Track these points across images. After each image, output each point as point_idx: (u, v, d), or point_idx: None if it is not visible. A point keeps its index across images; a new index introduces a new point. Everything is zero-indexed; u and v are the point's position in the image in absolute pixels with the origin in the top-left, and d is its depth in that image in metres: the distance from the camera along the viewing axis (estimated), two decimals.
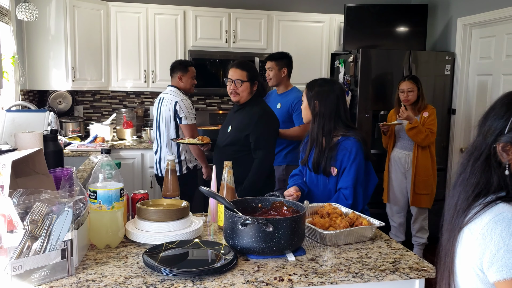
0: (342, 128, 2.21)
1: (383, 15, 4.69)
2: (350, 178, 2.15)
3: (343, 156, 2.17)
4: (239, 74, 2.79)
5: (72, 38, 4.14)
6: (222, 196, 1.71)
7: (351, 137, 2.19)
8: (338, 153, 2.17)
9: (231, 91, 2.80)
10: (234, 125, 2.84)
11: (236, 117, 2.86)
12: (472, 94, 4.43)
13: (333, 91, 2.22)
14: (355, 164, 2.16)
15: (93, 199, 1.58)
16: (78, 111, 4.79)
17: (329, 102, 2.20)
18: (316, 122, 2.22)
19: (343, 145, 2.19)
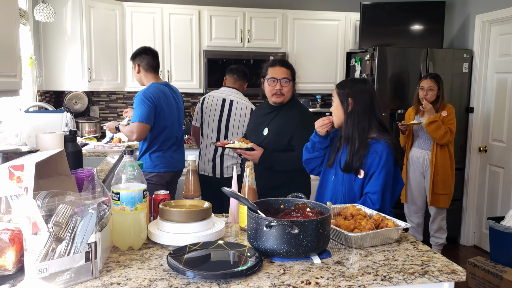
0: (375, 128, 2.16)
1: (400, 13, 4.63)
2: (379, 183, 2.10)
3: (373, 160, 2.12)
4: (285, 72, 2.63)
5: (88, 39, 4.15)
6: (242, 195, 1.69)
7: (382, 141, 2.14)
8: (368, 156, 2.13)
9: (276, 91, 2.61)
10: (272, 128, 2.69)
11: (273, 119, 2.70)
12: (490, 92, 4.36)
13: (367, 89, 2.18)
14: (384, 169, 2.10)
15: (116, 201, 1.57)
16: (94, 111, 4.81)
17: (364, 99, 2.15)
18: (350, 120, 2.15)
19: (374, 148, 2.14)
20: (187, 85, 4.61)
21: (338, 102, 2.20)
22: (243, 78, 3.69)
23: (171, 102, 3.32)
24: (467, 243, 4.62)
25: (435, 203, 3.96)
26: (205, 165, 3.60)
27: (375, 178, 2.11)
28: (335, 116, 2.22)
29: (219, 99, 3.60)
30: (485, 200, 4.46)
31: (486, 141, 4.43)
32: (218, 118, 3.58)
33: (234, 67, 3.73)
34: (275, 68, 2.65)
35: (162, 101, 3.21)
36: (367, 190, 2.15)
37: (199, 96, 4.92)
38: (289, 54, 4.66)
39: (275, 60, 2.71)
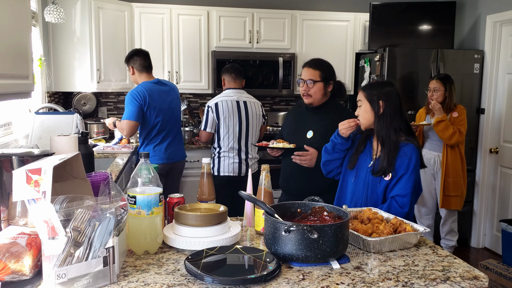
0: (404, 130, 2.17)
1: (409, 13, 4.60)
2: (410, 186, 2.08)
3: (402, 162, 2.11)
4: (311, 73, 2.61)
5: (97, 40, 4.15)
6: (259, 199, 1.67)
7: (411, 144, 2.13)
8: (397, 159, 2.11)
9: (303, 92, 2.62)
10: (317, 130, 2.64)
11: (317, 121, 2.66)
12: (502, 93, 4.32)
13: (395, 91, 2.19)
14: (414, 172, 2.10)
15: (132, 204, 1.55)
16: (102, 112, 4.81)
17: (394, 101, 2.15)
18: (383, 122, 2.14)
19: (403, 150, 2.13)
20: (195, 86, 4.60)
21: (368, 104, 2.17)
22: (240, 75, 3.72)
23: (161, 97, 3.55)
24: (477, 245, 4.58)
25: (446, 205, 3.93)
26: (230, 167, 3.66)
27: (405, 181, 2.09)
28: (362, 119, 2.19)
29: (233, 102, 3.62)
30: (496, 202, 4.42)
31: (497, 142, 4.39)
32: (238, 121, 3.62)
33: (229, 66, 3.74)
34: (304, 69, 2.67)
35: (149, 98, 3.46)
36: (395, 193, 2.12)
37: (207, 97, 4.90)
38: (298, 55, 4.64)
39: (306, 61, 2.73)
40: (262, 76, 4.59)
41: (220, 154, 3.67)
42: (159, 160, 3.61)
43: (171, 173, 3.77)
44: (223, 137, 3.64)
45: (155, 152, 3.60)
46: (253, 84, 4.57)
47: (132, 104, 3.42)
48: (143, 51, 3.61)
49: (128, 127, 3.44)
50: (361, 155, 2.25)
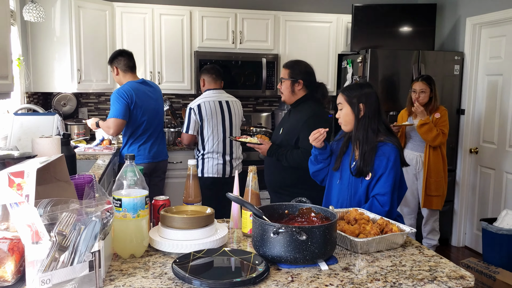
0: (383, 131, 2.18)
1: (391, 15, 4.65)
2: (389, 184, 2.10)
3: (380, 162, 2.13)
4: (283, 72, 2.87)
5: (77, 40, 4.08)
6: (246, 201, 1.66)
7: (389, 143, 2.15)
8: (375, 159, 2.13)
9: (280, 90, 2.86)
10: (284, 127, 2.86)
11: (288, 120, 2.88)
12: (481, 94, 4.39)
13: (374, 92, 2.22)
14: (393, 170, 2.11)
15: (117, 207, 1.52)
16: (83, 113, 4.73)
17: (372, 103, 2.17)
18: (361, 125, 2.16)
19: (381, 150, 2.15)
20: (178, 87, 4.57)
21: (348, 108, 2.19)
22: (220, 76, 3.73)
23: (147, 97, 3.58)
24: (458, 244, 4.65)
25: (428, 205, 3.98)
26: (214, 168, 3.65)
27: (384, 180, 2.12)
28: (344, 121, 2.21)
29: (216, 102, 3.61)
30: (476, 201, 4.49)
31: (477, 142, 4.46)
32: (221, 122, 3.62)
33: (209, 67, 3.74)
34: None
35: (136, 97, 3.48)
36: (375, 192, 2.14)
37: (190, 98, 4.87)
38: (281, 55, 4.65)
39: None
40: (245, 77, 4.58)
41: (204, 156, 3.65)
42: (144, 159, 3.62)
43: (155, 172, 3.78)
44: (207, 138, 3.62)
45: (140, 152, 3.62)
46: (236, 85, 4.55)
47: (119, 102, 3.42)
48: (127, 51, 3.64)
49: (115, 125, 3.43)
50: (344, 157, 2.27)
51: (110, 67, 3.67)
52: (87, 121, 3.83)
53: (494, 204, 4.27)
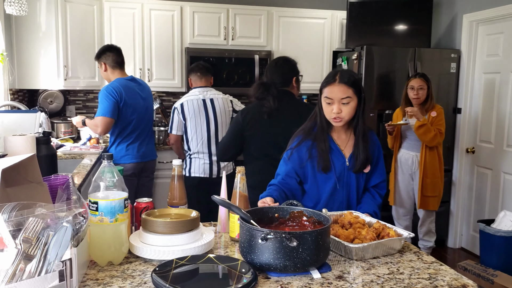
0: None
1: (387, 12, 4.55)
2: (384, 169, 2.12)
3: (373, 150, 2.07)
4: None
5: (64, 35, 3.95)
6: (234, 204, 1.55)
7: (371, 130, 2.10)
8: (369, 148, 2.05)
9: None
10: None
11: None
12: (478, 92, 4.31)
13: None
14: (382, 154, 2.11)
15: (93, 211, 1.41)
16: (70, 111, 4.60)
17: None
18: (361, 115, 2.01)
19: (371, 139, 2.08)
20: (168, 84, 4.45)
21: (356, 101, 1.96)
22: (207, 73, 3.61)
23: (136, 95, 3.48)
24: (454, 245, 4.57)
25: (424, 206, 3.89)
26: (200, 168, 3.54)
27: (381, 166, 2.11)
28: (348, 116, 1.96)
29: (199, 101, 3.50)
30: (473, 202, 4.41)
31: (473, 142, 4.38)
32: (205, 120, 3.50)
33: (194, 65, 3.64)
34: None
35: (125, 95, 3.38)
36: (376, 181, 2.10)
37: (181, 95, 4.74)
38: (274, 52, 4.54)
39: None
40: (238, 74, 4.46)
41: (191, 155, 3.55)
42: (132, 159, 3.53)
43: (143, 172, 3.68)
44: (191, 138, 3.52)
45: (128, 151, 3.52)
46: (228, 82, 4.44)
47: (107, 100, 3.32)
48: (115, 46, 3.52)
49: (103, 124, 3.32)
50: (332, 155, 2.03)
51: (97, 63, 3.56)
52: (73, 119, 3.73)
53: (491, 205, 4.18)
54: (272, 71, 2.77)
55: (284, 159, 2.08)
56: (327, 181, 2.05)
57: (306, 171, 2.05)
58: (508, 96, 3.96)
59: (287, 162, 2.06)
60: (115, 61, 3.46)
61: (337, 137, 2.06)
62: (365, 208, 2.03)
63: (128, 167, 3.50)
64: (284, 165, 2.08)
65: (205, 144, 3.52)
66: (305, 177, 2.07)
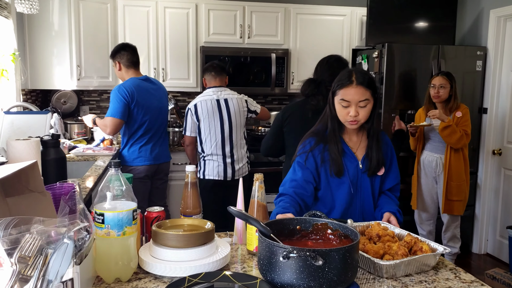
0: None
1: (409, 7, 4.37)
2: (398, 171, 2.02)
3: (386, 152, 1.97)
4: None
5: (77, 34, 3.87)
6: (254, 217, 1.42)
7: (382, 131, 2.01)
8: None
9: None
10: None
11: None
12: (505, 92, 4.11)
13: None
14: (395, 155, 2.02)
15: (99, 223, 1.30)
16: (84, 111, 4.53)
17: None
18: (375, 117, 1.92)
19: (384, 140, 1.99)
20: (183, 84, 4.34)
21: (372, 102, 1.86)
22: (221, 72, 3.49)
23: (150, 96, 3.39)
24: (479, 251, 4.38)
25: (449, 210, 3.71)
26: (214, 171, 3.44)
27: (394, 167, 2.01)
28: (364, 119, 1.86)
29: (213, 101, 3.39)
30: (499, 206, 4.21)
31: (500, 143, 4.18)
32: (219, 121, 3.40)
33: (208, 65, 3.53)
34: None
35: (137, 95, 3.30)
36: (391, 184, 2.00)
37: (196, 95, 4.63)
38: (292, 51, 4.40)
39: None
40: (254, 73, 4.34)
41: (205, 157, 3.45)
42: (145, 161, 3.44)
43: (157, 174, 3.59)
44: (205, 140, 3.42)
45: (141, 153, 3.43)
46: (244, 82, 4.32)
47: (118, 100, 3.25)
48: (131, 45, 3.44)
49: (112, 125, 3.26)
50: (345, 159, 1.92)
51: (112, 61, 3.48)
52: (84, 118, 3.65)
53: None
54: (323, 68, 2.68)
55: (299, 163, 1.96)
56: (341, 186, 1.95)
57: (320, 176, 1.96)
58: None
59: (304, 167, 1.94)
60: (130, 60, 3.39)
61: (349, 139, 1.97)
62: (387, 208, 1.93)
63: (141, 169, 3.42)
64: (300, 170, 1.95)
65: (219, 146, 3.41)
66: (319, 183, 1.97)
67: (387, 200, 1.99)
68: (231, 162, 3.44)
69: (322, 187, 1.97)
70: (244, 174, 3.53)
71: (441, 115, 3.50)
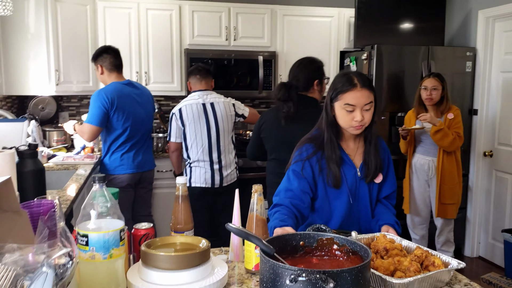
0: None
1: (397, 9, 4.32)
2: (394, 178, 1.95)
3: (383, 158, 1.89)
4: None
5: (54, 37, 3.69)
6: (253, 233, 1.30)
7: (379, 136, 1.92)
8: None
9: None
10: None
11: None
12: (495, 92, 4.07)
13: None
14: (391, 161, 1.95)
15: (83, 246, 1.16)
16: (64, 117, 4.34)
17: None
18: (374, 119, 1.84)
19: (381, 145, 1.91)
20: (167, 88, 4.19)
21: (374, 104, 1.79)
22: (207, 75, 3.37)
23: (132, 101, 3.26)
24: (472, 254, 4.32)
25: (443, 214, 3.64)
26: (201, 178, 3.30)
27: (391, 174, 1.93)
28: (368, 121, 1.77)
29: (199, 105, 3.27)
30: (491, 208, 4.16)
31: (491, 145, 4.14)
32: (206, 126, 3.27)
33: (193, 68, 3.41)
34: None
35: (118, 101, 3.17)
36: (388, 192, 1.92)
37: (180, 99, 4.49)
38: (279, 53, 4.29)
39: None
40: (240, 76, 4.22)
41: (191, 164, 3.31)
42: (127, 169, 3.29)
43: (141, 183, 3.44)
44: (191, 145, 3.28)
45: (123, 161, 3.28)
46: (230, 85, 4.19)
47: (96, 107, 3.14)
48: (113, 48, 3.31)
49: (89, 132, 3.18)
50: (344, 167, 1.84)
51: (94, 65, 3.34)
52: (64, 125, 3.52)
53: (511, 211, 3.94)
54: (295, 71, 2.63)
55: (295, 172, 1.85)
56: (339, 196, 1.86)
57: (317, 185, 1.85)
58: None
59: (300, 177, 1.83)
60: (112, 63, 3.26)
61: (346, 146, 1.88)
62: (384, 220, 1.84)
63: (123, 178, 3.28)
64: (296, 180, 1.84)
65: (206, 152, 3.27)
66: (316, 192, 1.87)
67: (384, 211, 1.91)
68: (219, 169, 3.31)
69: (319, 197, 1.88)
70: (233, 180, 3.40)
71: (433, 118, 3.43)
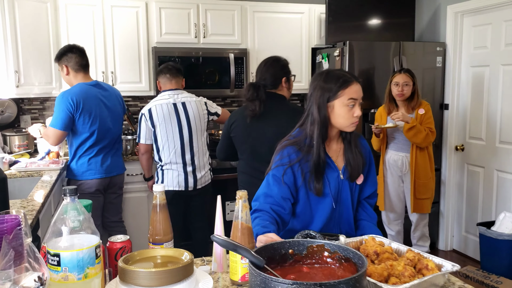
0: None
1: (367, 4, 4.30)
2: (375, 177, 1.94)
3: (365, 156, 1.86)
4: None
5: (13, 36, 3.48)
6: (238, 242, 1.21)
7: (360, 134, 1.91)
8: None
9: None
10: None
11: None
12: (466, 87, 4.11)
13: None
14: (373, 162, 1.93)
15: (54, 266, 1.05)
16: (25, 121, 4.13)
17: None
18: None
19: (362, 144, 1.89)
20: (135, 87, 4.04)
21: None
22: (177, 74, 3.27)
23: (99, 103, 3.13)
24: (446, 248, 4.36)
25: (418, 209, 3.65)
26: (174, 181, 3.19)
27: (373, 173, 1.91)
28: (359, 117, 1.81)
29: (169, 105, 3.16)
30: (464, 201, 4.21)
31: (463, 139, 4.18)
32: (177, 126, 3.16)
33: (163, 67, 3.30)
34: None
35: (84, 104, 3.04)
36: (370, 191, 1.90)
37: (149, 100, 4.35)
38: (250, 50, 4.21)
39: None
40: (211, 75, 4.11)
41: (163, 167, 3.20)
42: (96, 174, 3.15)
43: (110, 188, 3.30)
44: (162, 147, 3.17)
45: (91, 166, 3.14)
46: (201, 84, 4.08)
47: (60, 110, 3.01)
48: (78, 47, 3.16)
49: (53, 136, 3.06)
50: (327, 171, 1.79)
51: (58, 65, 3.17)
52: (29, 129, 3.38)
53: (484, 204, 3.99)
54: (261, 71, 2.64)
55: (275, 177, 1.78)
56: (321, 201, 1.81)
57: (299, 191, 1.79)
58: (499, 90, 3.77)
59: (280, 183, 1.77)
60: (78, 63, 3.10)
61: (329, 148, 1.83)
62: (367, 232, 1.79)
63: (92, 183, 3.13)
64: (276, 185, 1.77)
65: (178, 154, 3.17)
66: (297, 197, 1.81)
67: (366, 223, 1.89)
68: (192, 171, 3.21)
69: (301, 202, 1.82)
70: (207, 182, 3.30)
71: (405, 116, 3.43)
